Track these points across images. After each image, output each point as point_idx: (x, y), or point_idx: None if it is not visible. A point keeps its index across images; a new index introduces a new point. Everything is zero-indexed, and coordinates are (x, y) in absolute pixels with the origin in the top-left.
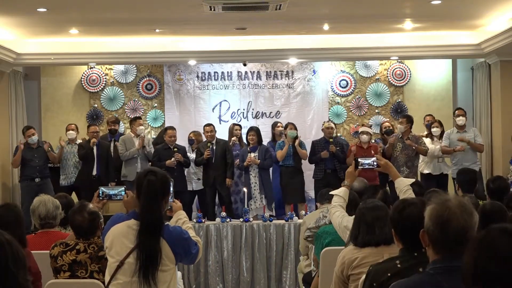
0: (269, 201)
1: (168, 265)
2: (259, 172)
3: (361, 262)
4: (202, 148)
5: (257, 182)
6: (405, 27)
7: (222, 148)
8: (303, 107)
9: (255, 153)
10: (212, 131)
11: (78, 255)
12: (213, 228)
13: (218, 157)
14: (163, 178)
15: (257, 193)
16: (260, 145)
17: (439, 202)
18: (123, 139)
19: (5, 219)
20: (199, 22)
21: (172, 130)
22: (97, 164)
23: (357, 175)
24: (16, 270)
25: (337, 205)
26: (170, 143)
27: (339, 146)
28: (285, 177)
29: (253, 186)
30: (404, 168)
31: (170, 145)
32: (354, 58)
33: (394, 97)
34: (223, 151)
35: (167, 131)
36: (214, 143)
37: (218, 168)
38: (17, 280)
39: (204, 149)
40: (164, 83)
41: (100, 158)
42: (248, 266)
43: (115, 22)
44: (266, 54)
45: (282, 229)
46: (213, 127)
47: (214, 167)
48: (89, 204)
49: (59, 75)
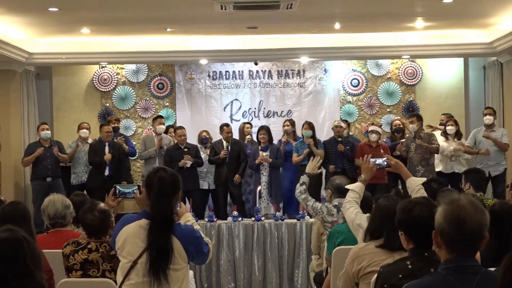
0: (277, 200)
1: (180, 264)
2: (269, 171)
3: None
4: (216, 147)
5: (267, 181)
6: (416, 25)
7: (237, 147)
8: (315, 106)
9: (267, 152)
10: (231, 131)
11: (90, 254)
12: (224, 227)
13: (233, 157)
14: (173, 175)
15: (266, 192)
16: (271, 144)
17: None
18: (143, 138)
19: (12, 217)
20: (210, 21)
21: (181, 130)
22: (109, 163)
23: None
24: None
25: (352, 200)
26: (180, 142)
27: (349, 145)
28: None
29: (263, 185)
30: (420, 167)
31: (181, 145)
32: (366, 57)
33: (405, 96)
34: (238, 150)
35: (177, 130)
36: (230, 143)
37: (231, 167)
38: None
39: (218, 147)
40: (175, 82)
41: (112, 158)
42: (260, 265)
43: (126, 21)
44: (278, 53)
45: (294, 228)
46: (231, 127)
47: (227, 166)
48: (100, 202)
49: (70, 74)
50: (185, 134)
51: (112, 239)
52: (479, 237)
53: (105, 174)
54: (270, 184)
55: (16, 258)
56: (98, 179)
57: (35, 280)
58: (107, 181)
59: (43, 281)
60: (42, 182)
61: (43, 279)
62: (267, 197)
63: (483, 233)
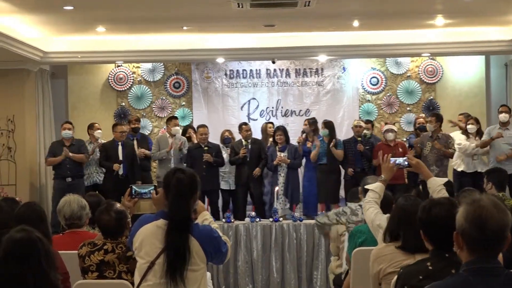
0: (294, 201)
1: (198, 265)
2: (287, 171)
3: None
4: (236, 147)
5: (284, 181)
6: (436, 23)
7: (257, 146)
8: (333, 105)
9: (284, 152)
10: (250, 130)
11: (106, 255)
12: (242, 228)
13: (253, 156)
14: (191, 176)
15: (282, 193)
16: (288, 145)
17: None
18: (158, 139)
19: (28, 217)
20: (227, 19)
21: (203, 128)
22: (123, 163)
23: (396, 170)
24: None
25: (372, 200)
26: (201, 141)
27: (369, 145)
28: (319, 175)
29: (280, 186)
30: (434, 167)
31: (202, 144)
32: (385, 55)
33: (426, 95)
34: (258, 149)
35: (199, 129)
36: (249, 142)
37: (252, 167)
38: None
39: (238, 148)
40: (192, 81)
41: (125, 157)
42: (278, 266)
43: (142, 19)
44: (295, 51)
45: (312, 229)
46: (250, 126)
47: (248, 166)
48: (116, 203)
49: (86, 73)
50: (207, 133)
51: (129, 239)
52: (501, 238)
53: (119, 174)
54: (287, 185)
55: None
56: (113, 179)
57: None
58: (121, 182)
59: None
60: (61, 182)
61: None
62: (283, 198)
63: (506, 234)
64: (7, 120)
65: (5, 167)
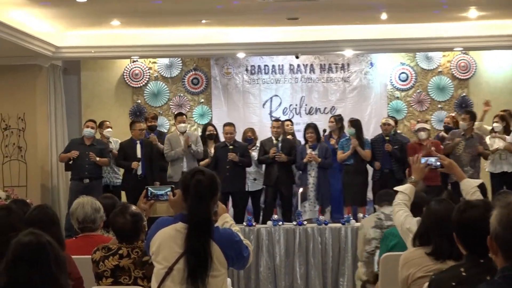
0: (324, 203)
1: (219, 270)
2: (317, 171)
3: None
4: (266, 145)
5: (314, 182)
6: (469, 15)
7: (288, 145)
8: (360, 102)
9: (315, 151)
10: (280, 127)
11: (121, 260)
12: (264, 232)
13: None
14: (211, 177)
15: (312, 195)
16: (319, 143)
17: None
18: (169, 137)
19: (40, 221)
20: (248, 12)
21: (229, 127)
22: (142, 163)
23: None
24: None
25: (401, 203)
26: (227, 140)
27: (398, 144)
28: (345, 177)
29: (310, 187)
30: (468, 168)
31: (228, 143)
32: (415, 49)
33: (458, 91)
34: (289, 148)
35: (224, 127)
36: (280, 140)
37: (282, 167)
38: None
39: (268, 146)
40: (211, 77)
41: (144, 157)
42: (302, 272)
43: (159, 12)
44: (320, 45)
45: (338, 233)
46: (280, 123)
47: (278, 166)
48: (131, 205)
49: (100, 69)
50: (233, 132)
51: (146, 243)
52: None
53: (138, 174)
54: (318, 186)
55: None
56: (132, 179)
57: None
58: (140, 182)
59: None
60: (78, 183)
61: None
62: (314, 200)
63: None
64: (18, 118)
65: (15, 167)
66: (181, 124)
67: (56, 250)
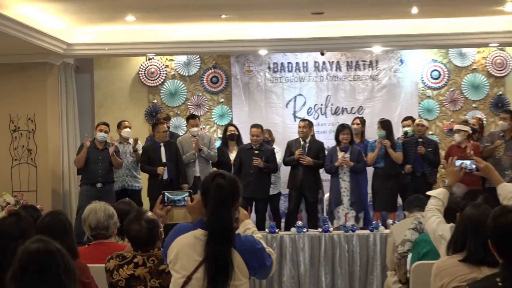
0: (357, 210)
1: (241, 280)
2: (350, 175)
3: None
4: (293, 146)
5: (347, 187)
6: (506, 9)
7: (316, 147)
8: (389, 101)
9: (347, 153)
10: (306, 127)
11: (136, 269)
12: (288, 239)
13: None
14: (232, 181)
15: (346, 200)
16: (352, 146)
17: None
18: (180, 141)
19: (52, 228)
20: (271, 6)
21: (256, 128)
22: (167, 167)
23: (461, 175)
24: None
25: (434, 208)
26: (253, 142)
27: (432, 146)
28: (375, 181)
29: (342, 192)
30: (510, 172)
31: (253, 145)
32: (448, 45)
33: (494, 90)
34: (317, 150)
35: (251, 129)
36: (308, 141)
37: (307, 170)
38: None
39: (295, 147)
40: (231, 75)
41: (169, 160)
42: (328, 282)
43: (176, 7)
44: (347, 41)
45: (366, 240)
46: (307, 122)
47: (303, 169)
48: (147, 211)
49: (114, 67)
50: (259, 134)
51: (164, 251)
52: None
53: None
54: (352, 191)
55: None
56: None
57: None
58: (166, 187)
59: None
60: (91, 188)
61: None
62: (347, 206)
63: None
64: (27, 119)
65: (25, 171)
66: (193, 128)
67: (66, 258)
